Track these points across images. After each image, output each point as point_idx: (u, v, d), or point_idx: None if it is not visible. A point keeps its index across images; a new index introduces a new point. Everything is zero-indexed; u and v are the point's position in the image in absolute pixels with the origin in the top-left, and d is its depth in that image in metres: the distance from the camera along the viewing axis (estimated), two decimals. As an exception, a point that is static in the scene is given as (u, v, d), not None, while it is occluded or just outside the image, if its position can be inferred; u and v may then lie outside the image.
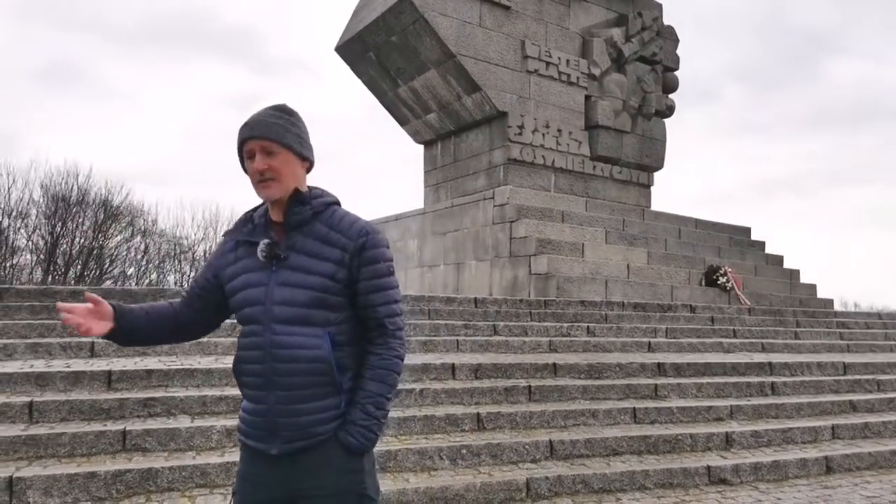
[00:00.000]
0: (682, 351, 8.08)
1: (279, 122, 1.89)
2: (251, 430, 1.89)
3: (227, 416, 4.83)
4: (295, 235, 1.90)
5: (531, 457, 4.97)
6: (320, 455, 1.84)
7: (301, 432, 1.83)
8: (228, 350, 6.03)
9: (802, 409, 6.57)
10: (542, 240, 10.81)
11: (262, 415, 1.86)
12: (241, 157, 1.94)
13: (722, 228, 14.36)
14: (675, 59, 14.83)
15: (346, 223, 1.91)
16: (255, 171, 1.87)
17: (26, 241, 24.18)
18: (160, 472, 4.02)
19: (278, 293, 1.85)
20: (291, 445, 1.83)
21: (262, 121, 1.89)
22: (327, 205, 1.94)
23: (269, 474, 1.87)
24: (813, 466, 5.45)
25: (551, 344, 7.45)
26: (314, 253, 1.87)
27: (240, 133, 1.91)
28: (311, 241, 1.88)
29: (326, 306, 1.85)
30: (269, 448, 1.85)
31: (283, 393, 1.83)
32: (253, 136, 1.87)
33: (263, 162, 1.86)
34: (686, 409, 6.03)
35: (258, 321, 1.86)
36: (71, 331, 5.92)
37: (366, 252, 1.88)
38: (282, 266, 1.87)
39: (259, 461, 1.88)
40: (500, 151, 12.59)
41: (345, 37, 13.46)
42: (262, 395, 1.86)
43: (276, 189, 1.88)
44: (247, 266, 1.92)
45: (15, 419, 4.43)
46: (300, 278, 1.85)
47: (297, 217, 1.89)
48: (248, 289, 1.90)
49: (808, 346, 9.25)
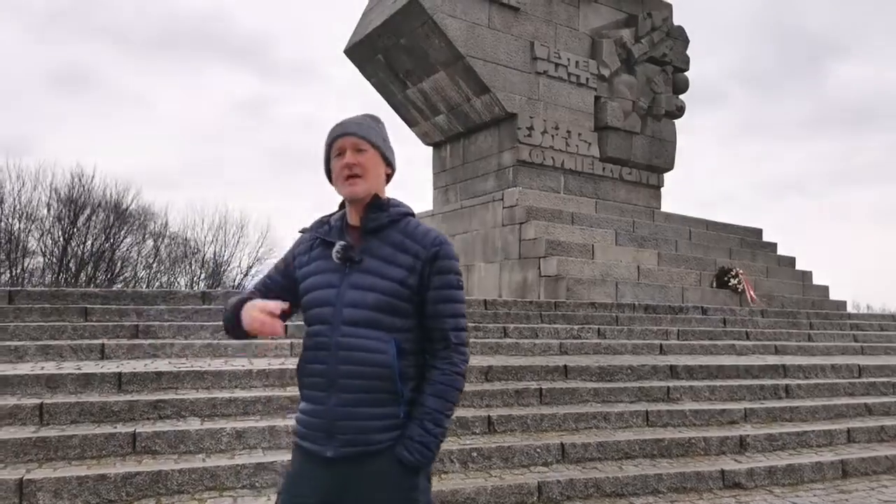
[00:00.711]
0: (694, 353, 8.00)
1: (371, 125, 1.97)
2: (308, 431, 1.89)
3: (237, 418, 4.82)
4: (370, 240, 1.91)
5: (542, 460, 4.93)
6: (376, 465, 1.83)
7: (358, 437, 1.82)
8: (238, 352, 6.02)
9: (817, 412, 6.49)
10: (552, 241, 10.75)
11: (321, 416, 1.85)
12: (328, 159, 1.98)
13: (733, 230, 14.25)
14: (685, 60, 14.74)
15: (420, 232, 1.93)
16: (345, 164, 1.91)
17: (37, 244, 24.35)
18: (170, 474, 4.01)
19: (349, 295, 1.86)
20: (347, 450, 1.82)
21: (354, 121, 1.97)
22: (403, 214, 1.97)
23: (321, 478, 1.85)
24: (828, 470, 5.37)
25: (562, 346, 7.40)
26: (387, 258, 1.89)
27: (331, 132, 1.97)
28: (386, 246, 1.90)
29: (395, 311, 1.86)
30: (325, 450, 1.83)
31: (344, 395, 1.82)
32: (345, 133, 1.93)
33: (353, 157, 1.91)
34: (699, 412, 5.97)
35: (327, 322, 1.87)
36: (81, 333, 5.94)
37: (438, 261, 1.90)
38: (355, 269, 1.88)
39: (312, 464, 1.87)
40: (510, 153, 12.55)
41: (354, 39, 13.47)
42: (323, 397, 1.85)
43: (361, 186, 1.91)
44: (321, 267, 1.94)
45: (25, 421, 4.43)
46: (372, 281, 1.86)
47: (375, 222, 1.92)
48: (320, 289, 1.91)
49: (822, 348, 9.15)
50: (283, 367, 5.51)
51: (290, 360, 5.92)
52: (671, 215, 13.67)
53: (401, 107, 13.93)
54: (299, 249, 2.03)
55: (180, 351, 5.89)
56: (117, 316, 6.41)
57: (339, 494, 1.83)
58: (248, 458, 4.34)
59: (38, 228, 24.11)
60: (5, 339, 5.72)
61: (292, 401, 5.05)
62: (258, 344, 6.10)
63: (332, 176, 1.97)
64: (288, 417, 4.90)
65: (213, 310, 6.80)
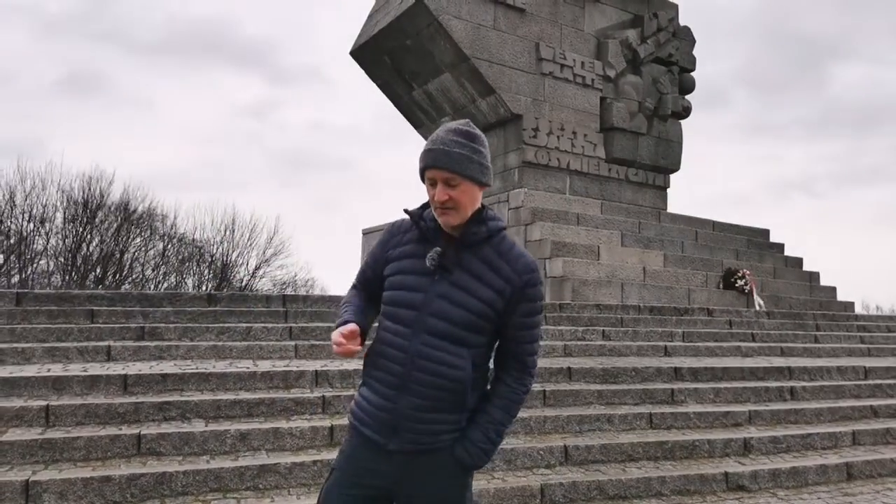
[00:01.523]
0: (699, 355, 7.98)
1: (463, 151, 1.88)
2: (371, 420, 1.94)
3: (242, 420, 4.85)
4: (465, 253, 1.93)
5: (546, 462, 4.93)
6: (433, 461, 1.92)
7: (422, 437, 1.90)
8: (243, 354, 6.05)
9: (822, 415, 6.46)
10: (558, 242, 10.75)
11: (389, 412, 1.91)
12: (423, 177, 1.96)
13: (740, 230, 14.20)
14: (691, 60, 14.70)
15: (514, 254, 1.95)
16: (437, 200, 1.89)
17: (46, 246, 24.51)
18: (174, 476, 4.04)
19: (436, 305, 1.89)
20: (410, 446, 1.90)
21: (446, 151, 1.87)
22: (499, 230, 1.98)
23: (378, 463, 1.93)
24: (833, 473, 5.35)
25: (566, 348, 7.39)
26: (479, 275, 1.91)
27: (423, 159, 1.91)
28: (479, 262, 1.92)
29: (478, 331, 1.90)
30: (387, 444, 1.91)
31: (416, 400, 1.88)
32: (436, 167, 1.87)
33: (445, 193, 1.88)
34: (703, 415, 5.96)
35: (409, 325, 1.90)
36: (88, 335, 5.99)
37: (527, 290, 1.93)
38: (445, 278, 1.90)
39: (371, 449, 1.94)
40: (515, 154, 12.55)
41: (360, 41, 13.51)
42: (393, 395, 1.90)
43: (455, 218, 1.91)
44: (410, 266, 1.95)
45: (32, 423, 4.47)
46: (461, 297, 1.89)
47: (474, 237, 1.93)
48: (406, 291, 1.92)
49: (828, 349, 9.10)
50: (287, 370, 5.54)
51: (294, 363, 5.94)
52: (677, 216, 13.64)
53: (407, 109, 13.95)
54: (395, 240, 2.03)
55: (185, 353, 5.92)
56: (123, 318, 6.46)
57: (393, 482, 1.92)
58: (252, 459, 4.37)
59: (48, 230, 24.28)
60: (13, 341, 5.78)
61: (296, 403, 5.08)
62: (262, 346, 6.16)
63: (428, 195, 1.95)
64: (292, 420, 4.93)
65: (219, 312, 6.84)
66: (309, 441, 4.69)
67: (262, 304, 7.36)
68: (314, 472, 4.33)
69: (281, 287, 28.83)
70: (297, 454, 4.52)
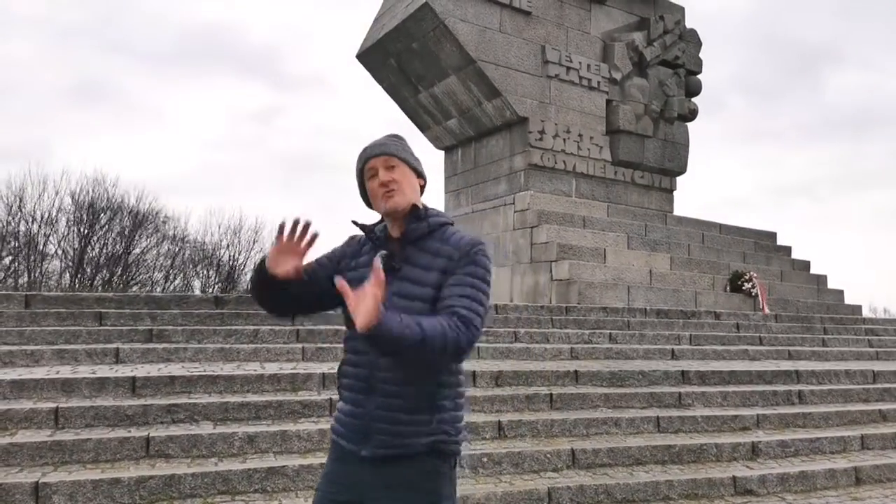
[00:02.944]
0: (706, 358, 7.96)
1: (395, 142, 2.05)
2: (346, 430, 1.95)
3: (249, 422, 4.87)
4: (410, 249, 1.97)
5: (553, 466, 4.93)
6: (407, 468, 1.89)
7: (394, 440, 1.88)
8: (250, 357, 6.07)
9: (830, 419, 6.43)
10: (564, 245, 10.74)
11: (359, 418, 1.91)
12: (361, 184, 2.04)
13: (746, 233, 14.16)
14: (697, 63, 14.68)
15: (457, 237, 1.98)
16: (380, 183, 1.97)
17: (55, 248, 24.64)
18: (183, 478, 4.05)
19: (391, 303, 1.88)
20: (382, 451, 1.88)
21: (379, 142, 2.04)
22: (442, 224, 2.02)
23: (354, 475, 1.92)
24: (842, 477, 5.32)
25: (573, 351, 7.39)
26: (425, 265, 1.93)
27: (360, 157, 2.04)
28: (425, 254, 1.95)
29: None
30: (360, 450, 1.90)
31: (383, 400, 1.88)
32: (374, 154, 2.00)
33: (387, 175, 1.98)
34: (711, 419, 5.94)
35: None
36: (96, 337, 6.02)
37: (469, 257, 1.93)
38: (395, 278, 1.92)
39: (348, 461, 1.94)
40: (521, 157, 12.55)
41: (366, 44, 13.53)
42: (362, 400, 1.91)
43: (399, 198, 1.97)
44: (364, 274, 1.93)
45: (41, 425, 4.50)
46: (412, 289, 1.91)
47: (415, 232, 1.97)
48: None
49: (836, 353, 9.06)
50: (294, 372, 5.55)
51: (301, 365, 5.96)
52: (684, 219, 13.61)
53: (412, 111, 13.97)
54: (349, 251, 2.09)
55: (193, 355, 5.94)
56: (131, 320, 6.49)
57: (369, 492, 1.90)
58: (260, 462, 4.38)
59: (57, 232, 24.41)
60: (22, 343, 5.81)
61: (303, 405, 5.09)
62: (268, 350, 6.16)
63: (370, 197, 2.03)
64: (299, 422, 4.94)
65: (226, 314, 6.86)
66: (317, 444, 4.70)
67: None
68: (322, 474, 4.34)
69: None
70: (304, 457, 4.53)
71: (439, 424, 1.91)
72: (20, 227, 23.83)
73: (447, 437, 1.93)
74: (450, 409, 1.94)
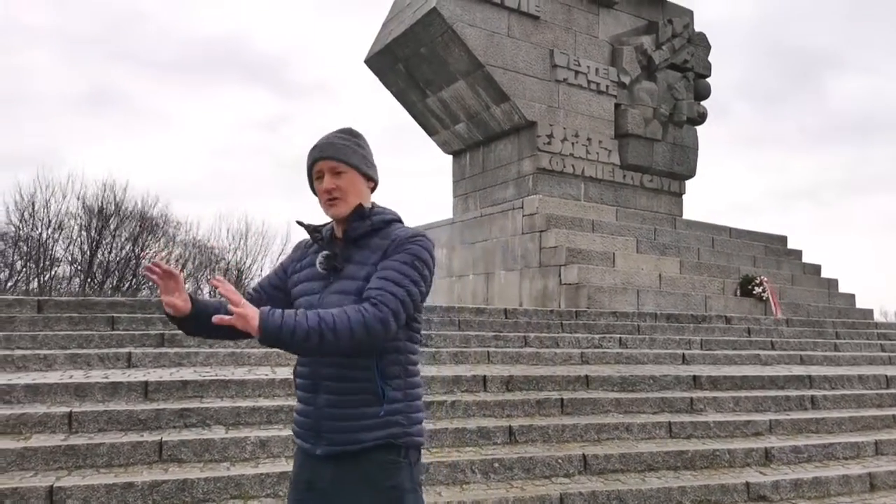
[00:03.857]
0: (717, 363, 7.92)
1: (346, 143, 1.98)
2: (301, 430, 1.97)
3: (261, 427, 4.87)
4: (351, 248, 1.97)
5: (564, 471, 4.91)
6: (360, 464, 1.87)
7: (343, 436, 1.88)
8: (261, 361, 6.08)
9: (844, 424, 6.39)
10: (573, 249, 10.72)
11: (310, 416, 1.93)
12: (311, 178, 2.03)
13: (757, 237, 14.10)
14: (706, 66, 14.65)
15: (400, 231, 1.96)
16: (324, 190, 1.96)
17: (64, 253, 24.79)
18: (195, 482, 4.06)
19: (327, 300, 1.91)
20: (333, 448, 1.88)
21: (330, 143, 1.98)
22: (387, 222, 1.99)
23: (314, 474, 1.92)
24: (856, 483, 5.28)
25: (583, 356, 7.37)
26: (363, 261, 1.93)
27: (310, 155, 2.00)
28: (366, 251, 1.95)
29: None
30: (314, 448, 1.91)
31: (329, 397, 1.89)
32: (322, 157, 1.96)
33: (332, 182, 1.96)
34: (723, 424, 5.91)
35: None
36: (109, 342, 6.04)
37: (401, 247, 1.89)
38: (337, 277, 1.94)
39: (307, 462, 1.95)
40: (529, 161, 12.55)
41: (374, 49, 13.58)
42: (311, 398, 1.93)
43: (342, 207, 1.96)
44: (308, 275, 2.01)
45: (55, 429, 4.51)
46: (349, 285, 1.91)
47: (356, 231, 1.97)
48: (305, 296, 1.98)
49: (848, 358, 9.00)
50: (305, 377, 5.56)
51: (313, 370, 5.96)
52: (693, 222, 13.56)
53: (421, 116, 14.00)
54: (294, 256, 2.12)
55: (204, 360, 5.96)
56: (143, 325, 6.52)
57: (329, 491, 1.89)
58: (272, 466, 4.38)
59: (66, 237, 24.57)
60: (35, 347, 5.84)
61: (315, 410, 5.09)
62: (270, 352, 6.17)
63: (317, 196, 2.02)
64: (310, 427, 4.94)
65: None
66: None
67: (279, 311, 7.39)
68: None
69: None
70: (316, 461, 4.53)
71: (392, 416, 1.89)
72: (30, 233, 24.01)
73: (400, 428, 1.90)
74: (401, 399, 1.91)
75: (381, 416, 1.87)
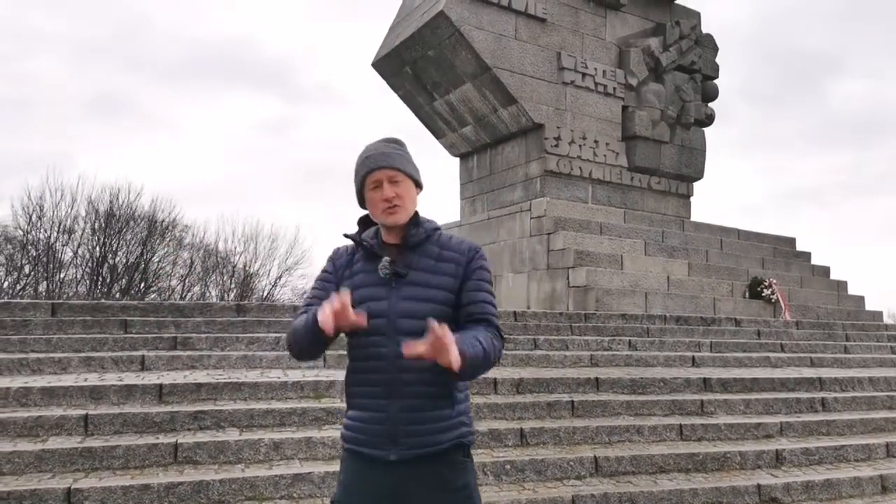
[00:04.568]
0: (727, 366, 7.92)
1: (399, 152, 2.06)
2: (367, 437, 1.97)
3: (274, 429, 4.91)
4: (411, 254, 2.03)
5: (576, 473, 4.93)
6: (435, 467, 1.94)
7: (421, 440, 1.92)
8: (272, 364, 6.12)
9: (855, 426, 6.38)
10: (581, 252, 10.73)
11: (382, 423, 1.94)
12: (361, 189, 2.06)
13: (765, 239, 14.06)
14: (714, 68, 14.63)
15: (455, 242, 2.08)
16: (384, 198, 2.00)
17: (73, 256, 24.93)
18: (211, 484, 4.10)
19: (402, 307, 1.95)
20: (411, 452, 1.92)
21: (384, 153, 2.04)
22: (435, 229, 2.08)
23: (381, 481, 1.94)
24: (867, 485, 5.27)
25: (592, 358, 7.38)
26: (430, 269, 2.01)
27: (363, 165, 2.05)
28: (426, 259, 2.02)
29: (446, 319, 1.93)
30: (387, 455, 1.93)
31: (406, 402, 1.92)
32: (380, 167, 2.02)
33: (391, 190, 2.01)
34: (734, 426, 5.91)
35: (382, 333, 1.95)
36: (122, 345, 6.10)
37: (474, 262, 2.05)
38: (402, 282, 1.98)
39: (372, 469, 1.96)
40: (537, 163, 12.57)
41: (381, 52, 13.63)
42: (383, 404, 1.94)
43: (402, 214, 2.03)
44: (365, 280, 2.02)
45: (72, 432, 4.57)
46: (421, 292, 1.97)
47: (415, 238, 2.03)
48: (370, 302, 1.98)
49: (858, 360, 8.97)
50: (317, 379, 5.60)
51: (324, 373, 6.00)
52: (701, 224, 13.55)
53: (428, 118, 14.04)
54: (340, 263, 2.11)
55: (217, 362, 6.01)
56: (156, 328, 6.57)
57: (399, 497, 1.93)
58: (286, 468, 4.42)
59: (75, 240, 24.71)
60: (49, 350, 5.90)
61: (327, 412, 5.13)
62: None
63: (369, 204, 2.06)
64: (323, 429, 4.98)
65: (248, 322, 6.93)
66: (341, 450, 4.73)
67: (289, 314, 7.43)
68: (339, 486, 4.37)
69: (302, 296, 29.04)
70: (329, 463, 4.56)
71: (459, 417, 1.98)
72: (39, 236, 24.17)
73: (466, 428, 2.00)
74: (463, 400, 2.01)
75: (453, 417, 1.96)
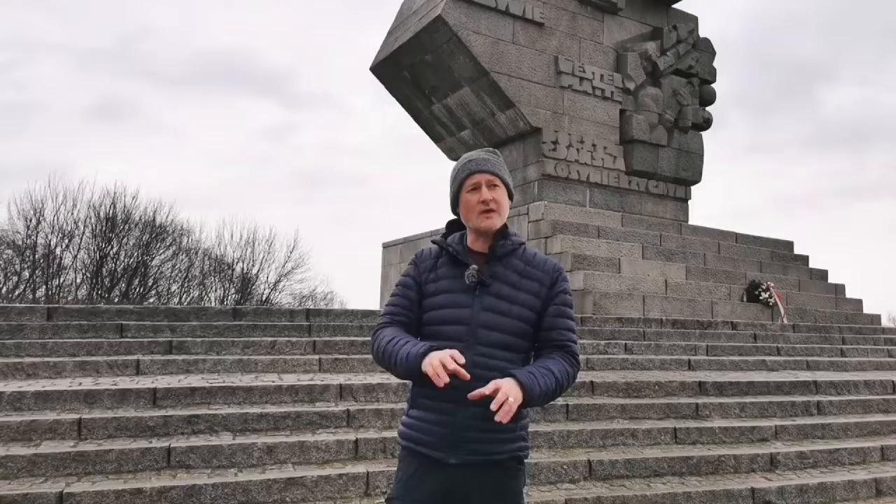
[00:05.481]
0: (723, 369, 7.91)
1: (498, 160, 2.15)
2: (430, 438, 2.00)
3: (268, 433, 4.91)
4: (497, 265, 2.05)
5: (570, 477, 4.93)
6: (493, 473, 1.99)
7: (486, 447, 1.97)
8: (268, 368, 6.13)
9: (850, 430, 6.37)
10: (578, 255, 10.74)
11: (448, 426, 1.98)
12: (458, 191, 2.10)
13: (763, 243, 14.06)
14: (711, 72, 14.66)
15: (539, 259, 2.11)
16: (482, 200, 2.05)
17: (73, 260, 24.94)
18: (203, 488, 4.10)
19: (483, 317, 1.99)
20: (474, 458, 1.97)
21: (485, 159, 2.12)
22: (520, 243, 2.12)
23: (440, 481, 1.99)
24: (861, 489, 5.27)
25: (588, 361, 7.37)
26: (515, 284, 2.04)
27: (464, 168, 2.11)
28: (511, 272, 2.05)
29: (524, 335, 2.02)
30: (448, 457, 1.97)
31: (477, 410, 1.93)
32: (480, 170, 2.08)
33: (489, 193, 2.06)
34: (729, 430, 5.91)
35: (460, 340, 1.98)
36: (117, 349, 6.10)
37: (557, 284, 2.09)
38: (485, 292, 2.01)
39: (431, 469, 2.00)
40: (535, 167, 12.59)
41: (379, 57, 13.66)
42: (453, 409, 1.97)
43: (496, 219, 2.07)
44: (449, 286, 2.06)
45: (65, 436, 4.57)
46: (504, 306, 2.01)
47: (503, 249, 2.06)
48: (452, 308, 2.02)
49: (855, 363, 8.97)
50: (311, 384, 5.60)
51: (318, 376, 6.01)
52: (699, 228, 13.56)
53: (426, 123, 14.07)
54: (424, 266, 2.14)
55: (212, 366, 6.01)
56: (151, 332, 6.57)
57: (456, 498, 1.98)
58: (279, 472, 4.42)
59: (75, 245, 24.72)
60: (45, 355, 5.91)
61: (321, 416, 5.13)
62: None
63: (464, 208, 2.10)
64: (317, 433, 4.98)
65: (244, 326, 6.94)
66: (334, 454, 4.74)
67: (286, 319, 7.45)
68: (340, 485, 4.38)
69: (301, 300, 29.07)
70: (322, 467, 4.57)
71: (520, 431, 2.04)
72: (38, 240, 24.19)
73: (524, 443, 2.07)
74: (525, 415, 2.07)
75: (515, 431, 2.01)
